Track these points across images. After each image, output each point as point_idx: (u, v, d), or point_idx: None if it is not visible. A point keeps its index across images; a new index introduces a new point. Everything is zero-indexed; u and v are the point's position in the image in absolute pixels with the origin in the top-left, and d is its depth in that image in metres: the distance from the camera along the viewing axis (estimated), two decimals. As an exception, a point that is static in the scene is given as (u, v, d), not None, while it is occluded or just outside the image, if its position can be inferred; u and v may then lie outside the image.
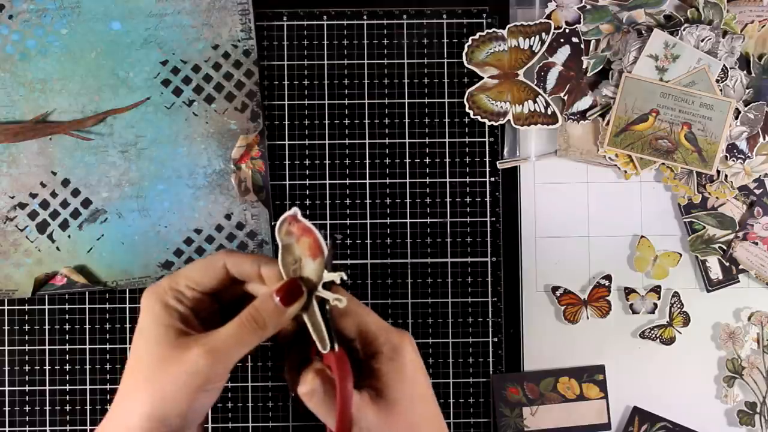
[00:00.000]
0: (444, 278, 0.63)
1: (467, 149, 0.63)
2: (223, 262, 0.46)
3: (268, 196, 0.62)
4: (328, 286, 0.45)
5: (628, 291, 0.63)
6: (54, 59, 0.61)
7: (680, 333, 0.63)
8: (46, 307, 0.62)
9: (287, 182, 0.62)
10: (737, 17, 0.61)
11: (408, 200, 0.63)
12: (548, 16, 0.62)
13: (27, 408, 0.61)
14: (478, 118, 0.62)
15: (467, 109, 0.62)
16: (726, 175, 0.62)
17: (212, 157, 0.61)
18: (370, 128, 0.63)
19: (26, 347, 0.62)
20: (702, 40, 0.60)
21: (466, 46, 0.62)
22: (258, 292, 0.47)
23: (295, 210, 0.45)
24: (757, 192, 0.62)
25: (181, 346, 0.43)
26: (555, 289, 0.63)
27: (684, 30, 0.60)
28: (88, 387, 0.61)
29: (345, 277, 0.45)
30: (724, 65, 0.60)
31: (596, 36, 0.62)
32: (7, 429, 0.61)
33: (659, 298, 0.63)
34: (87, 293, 0.62)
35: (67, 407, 0.61)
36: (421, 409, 0.47)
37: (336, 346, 0.45)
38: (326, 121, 0.63)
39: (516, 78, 0.62)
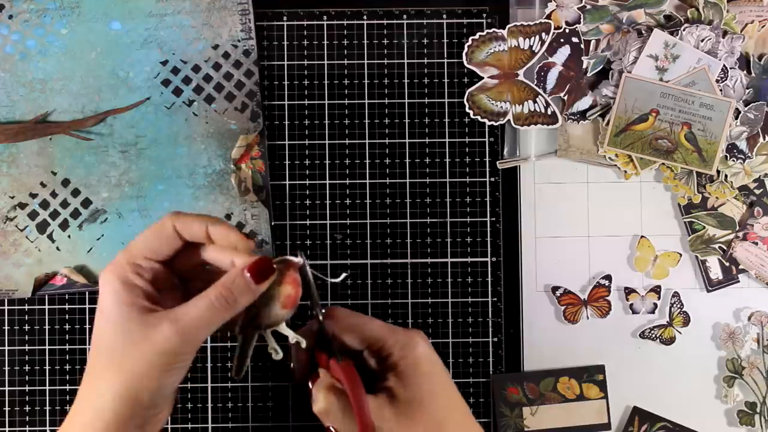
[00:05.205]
0: (444, 278, 0.62)
1: (467, 149, 0.63)
2: (172, 224, 0.45)
3: (268, 196, 0.62)
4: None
5: (628, 291, 0.63)
6: (54, 59, 0.61)
7: (680, 333, 0.63)
8: (46, 307, 0.62)
9: (287, 182, 0.62)
10: (737, 17, 0.61)
11: (408, 200, 0.63)
12: (548, 16, 0.62)
13: (27, 408, 0.61)
14: (478, 118, 0.62)
15: (467, 109, 0.62)
16: (726, 175, 0.62)
17: (212, 157, 0.61)
18: (370, 128, 0.63)
19: (26, 347, 0.62)
20: (702, 40, 0.60)
21: (466, 46, 0.62)
22: (217, 261, 0.47)
23: (305, 261, 0.45)
24: (757, 192, 0.62)
25: (148, 324, 0.43)
26: (555, 289, 0.63)
27: (684, 30, 0.60)
28: (88, 387, 0.61)
29: (303, 345, 0.47)
30: (724, 65, 0.60)
31: (596, 36, 0.62)
32: (7, 429, 0.61)
33: (659, 298, 0.63)
34: (87, 293, 0.62)
35: (67, 407, 0.61)
36: (443, 402, 0.46)
37: (340, 359, 0.46)
38: (326, 121, 0.63)
39: (516, 78, 0.62)
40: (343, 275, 0.49)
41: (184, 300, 0.46)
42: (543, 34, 0.62)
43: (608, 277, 0.63)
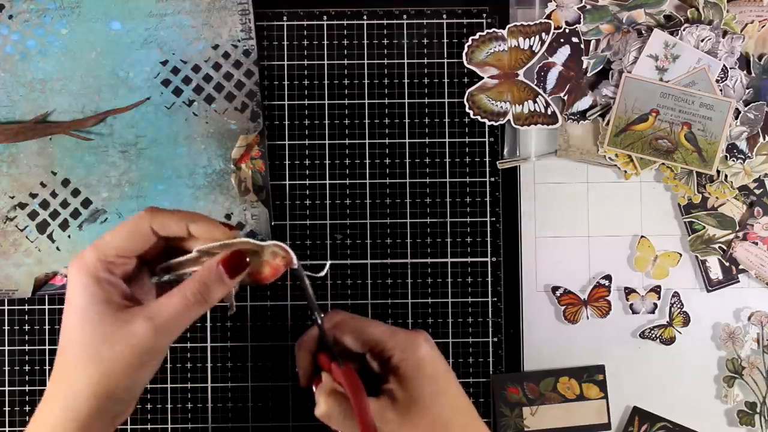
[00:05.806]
0: (444, 278, 0.62)
1: (467, 149, 0.63)
2: (150, 225, 0.45)
3: (268, 196, 0.62)
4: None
5: (628, 291, 0.63)
6: (54, 59, 0.61)
7: (680, 333, 0.63)
8: (46, 307, 0.62)
9: (287, 182, 0.62)
10: (737, 17, 0.61)
11: (408, 200, 0.63)
12: (548, 16, 0.62)
13: (27, 408, 0.61)
14: (478, 118, 0.62)
15: (467, 109, 0.62)
16: (726, 175, 0.62)
17: (212, 157, 0.61)
18: (370, 128, 0.63)
19: (26, 347, 0.62)
20: (702, 40, 0.60)
21: (466, 46, 0.62)
22: (190, 247, 0.46)
23: (297, 264, 0.45)
24: (757, 192, 0.62)
25: (122, 321, 0.42)
26: (555, 289, 0.63)
27: (684, 30, 0.60)
28: (88, 387, 0.61)
29: (230, 312, 0.48)
30: (724, 65, 0.60)
31: (596, 36, 0.62)
32: (7, 429, 0.61)
33: (659, 298, 0.63)
34: (87, 293, 0.62)
35: (67, 407, 0.61)
36: (447, 403, 0.46)
37: (341, 363, 0.46)
38: (326, 121, 0.63)
39: (516, 78, 0.62)
40: (326, 267, 0.48)
41: (149, 282, 0.46)
42: (543, 34, 0.62)
43: (608, 277, 0.63)
